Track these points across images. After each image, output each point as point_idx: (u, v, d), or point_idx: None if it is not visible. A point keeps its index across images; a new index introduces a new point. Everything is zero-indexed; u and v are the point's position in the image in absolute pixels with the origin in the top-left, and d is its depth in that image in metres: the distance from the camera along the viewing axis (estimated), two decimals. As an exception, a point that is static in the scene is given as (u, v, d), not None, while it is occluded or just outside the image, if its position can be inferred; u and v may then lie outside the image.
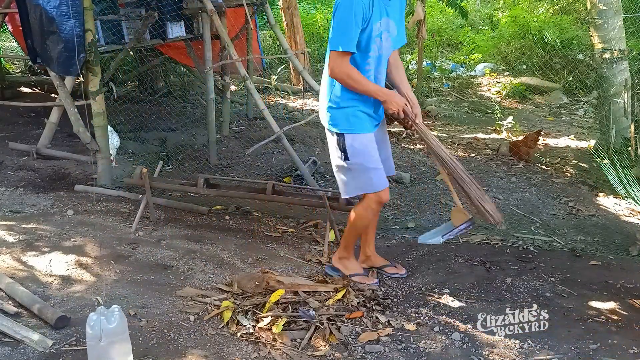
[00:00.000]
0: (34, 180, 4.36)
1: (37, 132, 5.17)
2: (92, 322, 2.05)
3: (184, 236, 3.43)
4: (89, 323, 2.06)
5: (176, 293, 2.76)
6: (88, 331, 2.06)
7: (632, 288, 2.94)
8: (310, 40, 10.08)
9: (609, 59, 4.99)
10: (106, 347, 2.05)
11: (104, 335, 2.04)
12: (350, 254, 2.97)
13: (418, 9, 6.45)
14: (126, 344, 2.13)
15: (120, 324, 2.08)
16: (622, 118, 5.04)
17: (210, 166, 4.95)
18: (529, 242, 3.55)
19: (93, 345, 2.06)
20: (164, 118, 6.07)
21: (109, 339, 2.05)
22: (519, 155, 5.29)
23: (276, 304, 2.62)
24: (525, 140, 5.38)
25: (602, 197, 4.45)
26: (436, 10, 11.81)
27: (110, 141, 4.36)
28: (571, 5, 10.38)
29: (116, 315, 2.08)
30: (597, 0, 4.98)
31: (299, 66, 4.93)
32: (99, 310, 2.09)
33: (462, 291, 2.89)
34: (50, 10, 3.89)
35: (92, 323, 2.05)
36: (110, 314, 2.08)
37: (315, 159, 4.85)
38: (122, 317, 2.10)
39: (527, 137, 5.45)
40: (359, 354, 2.35)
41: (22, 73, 8.38)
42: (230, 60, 4.46)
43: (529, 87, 8.38)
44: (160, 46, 6.34)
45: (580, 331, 2.54)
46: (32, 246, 3.16)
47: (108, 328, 2.05)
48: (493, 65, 9.64)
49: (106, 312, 2.08)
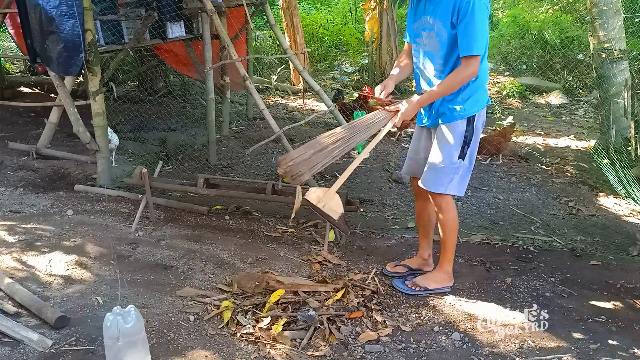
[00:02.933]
0: (33, 180, 4.36)
1: (37, 132, 5.17)
2: (109, 322, 2.06)
3: (184, 236, 3.43)
4: (106, 323, 2.06)
5: (176, 293, 2.76)
6: (105, 331, 2.07)
7: (632, 288, 2.94)
8: (310, 40, 10.08)
9: (609, 59, 4.99)
10: (123, 346, 2.06)
11: (121, 335, 2.05)
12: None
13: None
14: (144, 343, 2.14)
15: (136, 324, 2.09)
16: (622, 118, 5.04)
17: (210, 166, 4.95)
18: (529, 242, 3.55)
19: (110, 345, 2.07)
20: (163, 118, 6.07)
21: (126, 338, 2.06)
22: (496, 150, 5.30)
23: (276, 304, 2.62)
24: (502, 134, 5.37)
25: (602, 197, 4.45)
26: (436, 10, 11.80)
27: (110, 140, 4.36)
28: (571, 5, 10.38)
29: (132, 315, 2.09)
30: (597, 0, 4.98)
31: (298, 66, 4.92)
32: (115, 310, 2.09)
33: (462, 291, 2.89)
34: (50, 10, 3.89)
35: (109, 323, 2.06)
36: (127, 313, 2.08)
37: (315, 159, 4.84)
38: (138, 317, 2.11)
39: (502, 131, 5.44)
40: (359, 354, 2.35)
41: (22, 73, 8.38)
42: (230, 60, 4.46)
43: (529, 87, 8.38)
44: (159, 52, 6.34)
45: (580, 331, 2.54)
46: (32, 246, 3.16)
47: (125, 328, 2.05)
48: (493, 65, 9.64)
49: (122, 312, 2.09)
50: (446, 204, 2.76)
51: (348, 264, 3.21)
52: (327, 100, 4.58)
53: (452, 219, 2.80)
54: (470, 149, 2.70)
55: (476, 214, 4.04)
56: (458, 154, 2.67)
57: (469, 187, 4.54)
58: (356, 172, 4.83)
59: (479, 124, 2.70)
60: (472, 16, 2.46)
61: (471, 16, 2.46)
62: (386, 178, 4.82)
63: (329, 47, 10.52)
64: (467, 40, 2.49)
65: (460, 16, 2.48)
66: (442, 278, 2.90)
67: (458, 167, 2.69)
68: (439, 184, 2.71)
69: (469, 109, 2.63)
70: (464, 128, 2.65)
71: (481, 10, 2.48)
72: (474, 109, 2.65)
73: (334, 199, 2.65)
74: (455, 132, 2.65)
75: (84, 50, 3.97)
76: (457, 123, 2.65)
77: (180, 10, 5.06)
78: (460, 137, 2.66)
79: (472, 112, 2.65)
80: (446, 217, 2.78)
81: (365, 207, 4.09)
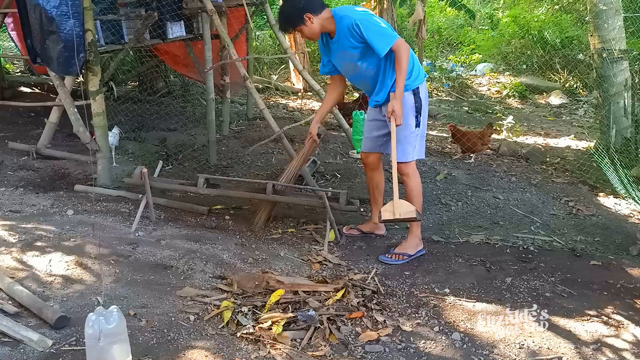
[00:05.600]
0: (33, 180, 4.36)
1: (37, 132, 5.16)
2: (91, 322, 2.05)
3: (184, 236, 3.43)
4: (88, 323, 2.05)
5: (176, 293, 2.76)
6: (87, 331, 2.06)
7: (632, 288, 2.94)
8: (310, 40, 10.07)
9: (609, 59, 4.99)
10: (105, 347, 2.05)
11: (102, 336, 2.03)
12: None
13: (418, 8, 6.46)
14: (125, 344, 2.12)
15: (119, 325, 2.07)
16: (622, 118, 5.04)
17: (210, 166, 4.95)
18: (529, 242, 3.55)
19: (92, 345, 2.06)
20: (163, 118, 6.07)
21: (107, 339, 2.04)
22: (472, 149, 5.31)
23: (276, 304, 2.62)
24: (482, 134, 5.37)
25: (602, 197, 4.45)
26: (436, 10, 11.82)
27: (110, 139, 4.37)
28: (571, 5, 10.38)
29: (115, 315, 2.07)
30: (597, 0, 4.98)
31: (298, 66, 4.93)
32: (97, 310, 2.08)
33: (462, 291, 2.89)
34: (50, 10, 3.89)
35: (91, 323, 2.04)
36: (109, 314, 2.07)
37: (315, 159, 4.85)
38: (120, 317, 2.10)
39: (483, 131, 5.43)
40: (359, 354, 2.35)
41: (22, 73, 8.39)
42: (230, 60, 4.46)
43: (529, 87, 8.38)
44: (159, 53, 6.34)
45: (580, 331, 2.54)
46: (32, 246, 3.16)
47: (107, 328, 2.04)
48: (493, 65, 9.65)
49: (105, 312, 2.08)
50: (412, 170, 3.24)
51: (348, 264, 3.21)
52: (327, 100, 4.57)
53: (418, 183, 3.28)
54: (422, 117, 3.20)
55: (476, 214, 4.04)
56: (414, 124, 3.16)
57: (469, 187, 4.56)
58: (356, 172, 4.83)
59: (423, 95, 3.20)
60: (366, 24, 3.00)
61: (365, 25, 2.99)
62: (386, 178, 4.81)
63: (329, 47, 10.49)
64: (380, 40, 2.99)
65: (360, 33, 3.00)
66: (415, 243, 3.29)
67: (417, 135, 3.21)
68: (407, 154, 3.18)
69: (411, 83, 3.13)
70: (412, 100, 3.14)
71: (365, 16, 3.06)
72: (415, 82, 3.15)
73: (402, 205, 3.04)
74: (407, 106, 3.11)
75: (84, 50, 3.97)
76: (405, 96, 3.09)
77: (180, 10, 5.06)
78: (412, 109, 3.14)
79: (414, 85, 3.14)
80: (413, 181, 3.25)
81: (365, 207, 4.08)
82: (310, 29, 3.14)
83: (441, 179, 4.74)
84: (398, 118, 3.02)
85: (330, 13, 3.13)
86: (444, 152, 5.58)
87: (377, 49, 3.01)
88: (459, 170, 4.99)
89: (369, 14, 3.13)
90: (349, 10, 3.19)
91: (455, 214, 4.05)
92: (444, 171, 4.91)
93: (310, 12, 3.08)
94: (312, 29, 3.13)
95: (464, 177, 4.82)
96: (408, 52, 3.03)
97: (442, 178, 4.77)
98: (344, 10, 3.16)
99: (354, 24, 3.01)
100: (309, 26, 3.12)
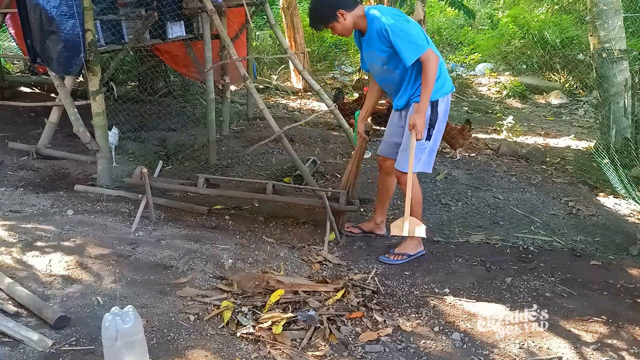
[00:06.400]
0: (33, 180, 4.36)
1: (37, 132, 5.17)
2: (108, 322, 2.06)
3: (184, 236, 3.43)
4: (105, 324, 2.06)
5: (176, 293, 2.76)
6: (103, 332, 2.07)
7: (632, 288, 2.94)
8: (310, 40, 10.08)
9: (609, 59, 4.99)
10: (122, 347, 2.06)
11: (119, 336, 2.04)
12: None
13: (418, 8, 6.45)
14: (142, 343, 2.13)
15: (135, 324, 2.09)
16: (622, 118, 5.04)
17: (210, 166, 4.95)
18: (529, 242, 3.55)
19: (109, 345, 2.07)
20: (163, 118, 6.08)
21: (124, 339, 2.06)
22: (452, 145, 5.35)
23: (276, 304, 2.62)
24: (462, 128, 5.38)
25: (602, 197, 4.45)
26: (436, 10, 11.82)
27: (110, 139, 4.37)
28: (571, 5, 10.38)
29: (131, 315, 2.09)
30: (597, 0, 4.98)
31: (298, 66, 4.92)
32: (113, 310, 2.09)
33: (462, 291, 2.89)
34: (50, 10, 3.89)
35: (108, 323, 2.06)
36: (125, 314, 2.08)
37: (315, 159, 4.85)
38: (137, 317, 2.11)
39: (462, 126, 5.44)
40: (359, 354, 2.35)
41: (22, 73, 8.38)
42: (231, 60, 4.46)
43: (529, 87, 8.38)
44: (159, 53, 6.34)
45: (580, 331, 2.55)
46: (32, 246, 3.16)
47: (123, 328, 2.05)
48: (493, 65, 9.64)
49: (121, 312, 2.09)
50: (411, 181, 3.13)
51: (348, 264, 3.22)
52: (327, 100, 4.58)
53: (418, 191, 3.25)
54: (435, 131, 3.11)
55: (476, 214, 4.04)
56: (425, 136, 3.05)
57: (469, 187, 4.55)
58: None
59: (442, 109, 3.09)
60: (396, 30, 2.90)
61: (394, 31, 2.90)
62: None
63: (329, 47, 10.52)
64: (408, 49, 2.90)
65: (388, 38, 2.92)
66: (415, 244, 3.28)
67: (425, 147, 3.12)
68: (407, 164, 3.07)
69: (432, 94, 2.99)
70: (428, 112, 3.02)
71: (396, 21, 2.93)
72: (436, 95, 3.03)
73: (412, 222, 3.04)
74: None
75: (84, 50, 3.97)
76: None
77: (180, 10, 5.06)
78: (426, 121, 3.03)
79: (434, 98, 3.02)
80: (410, 191, 3.12)
81: (365, 207, 4.09)
82: (343, 26, 3.04)
83: (441, 179, 4.74)
84: (419, 133, 2.96)
85: (363, 11, 3.03)
86: (443, 152, 5.58)
87: (403, 58, 2.92)
88: (459, 170, 4.99)
89: (401, 19, 2.98)
90: (382, 11, 3.01)
91: (455, 214, 4.05)
92: (443, 171, 4.91)
93: (343, 9, 2.99)
94: (345, 25, 3.04)
95: (464, 177, 4.82)
96: (436, 65, 2.92)
97: (442, 178, 4.77)
98: (376, 11, 3.01)
99: (384, 29, 2.93)
100: (342, 23, 3.03)
